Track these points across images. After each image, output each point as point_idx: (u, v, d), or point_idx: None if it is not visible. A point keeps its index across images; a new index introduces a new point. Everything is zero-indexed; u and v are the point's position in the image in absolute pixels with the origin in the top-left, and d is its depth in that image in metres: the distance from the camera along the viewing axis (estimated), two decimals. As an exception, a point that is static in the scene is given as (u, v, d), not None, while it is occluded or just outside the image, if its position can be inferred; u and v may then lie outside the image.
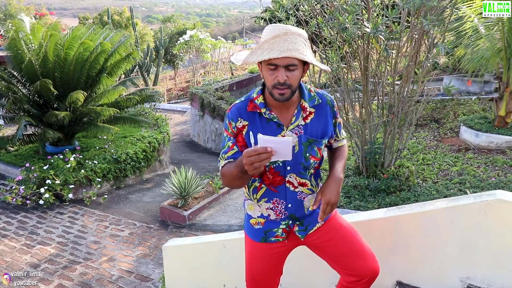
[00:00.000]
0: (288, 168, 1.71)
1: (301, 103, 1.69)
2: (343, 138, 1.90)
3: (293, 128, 1.68)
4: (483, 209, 2.01)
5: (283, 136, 1.66)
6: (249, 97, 1.72)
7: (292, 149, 1.52)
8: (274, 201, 1.78)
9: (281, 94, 1.57)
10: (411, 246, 2.25)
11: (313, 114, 1.71)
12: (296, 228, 1.82)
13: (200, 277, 3.16)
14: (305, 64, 1.61)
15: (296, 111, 1.68)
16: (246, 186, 1.82)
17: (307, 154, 1.69)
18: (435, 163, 5.91)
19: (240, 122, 1.68)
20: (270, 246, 1.86)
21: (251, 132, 1.51)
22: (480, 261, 2.08)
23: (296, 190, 1.76)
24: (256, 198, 1.80)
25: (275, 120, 1.67)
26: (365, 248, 1.86)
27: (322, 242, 1.86)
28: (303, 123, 1.69)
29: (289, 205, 1.78)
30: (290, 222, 1.81)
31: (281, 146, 1.42)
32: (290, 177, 1.73)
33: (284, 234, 1.83)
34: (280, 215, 1.80)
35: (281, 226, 1.81)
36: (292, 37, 1.54)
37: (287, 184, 1.74)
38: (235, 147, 1.70)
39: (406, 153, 6.41)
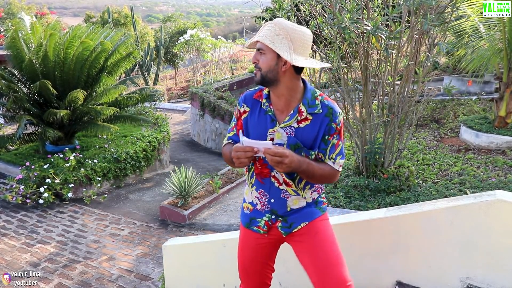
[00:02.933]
0: None
1: (299, 105, 1.70)
2: (334, 162, 1.75)
3: (285, 127, 1.72)
4: (483, 209, 2.01)
5: (274, 131, 1.73)
6: (262, 87, 1.81)
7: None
8: (260, 191, 1.83)
9: (255, 74, 1.69)
10: (411, 246, 2.25)
11: (309, 121, 1.70)
12: (279, 224, 1.84)
13: (200, 277, 3.16)
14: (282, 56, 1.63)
15: (292, 112, 1.71)
16: (247, 169, 1.88)
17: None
18: (435, 163, 5.91)
19: (243, 107, 1.82)
20: (253, 236, 1.91)
21: (240, 131, 1.76)
22: (480, 261, 2.08)
23: (281, 187, 1.79)
24: (251, 183, 1.87)
25: (270, 113, 1.74)
26: (333, 263, 1.77)
27: (299, 244, 1.84)
28: (296, 125, 1.71)
29: (272, 200, 1.81)
30: (273, 216, 1.84)
31: (262, 147, 1.58)
32: (276, 172, 1.77)
33: (266, 227, 1.86)
34: (264, 207, 1.84)
35: (264, 218, 1.86)
36: (271, 26, 1.65)
37: (272, 179, 1.78)
38: (234, 129, 1.86)
39: (406, 153, 6.41)
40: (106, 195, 6.84)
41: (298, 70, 1.69)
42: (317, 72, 5.57)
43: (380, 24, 3.39)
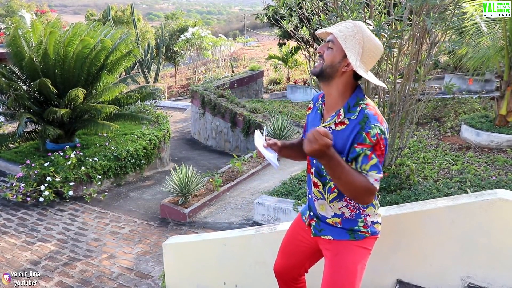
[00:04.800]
0: (314, 161, 1.79)
1: (340, 109, 1.68)
2: (367, 175, 1.60)
3: (326, 128, 1.70)
4: (484, 208, 2.01)
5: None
6: None
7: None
8: (307, 186, 1.93)
9: (315, 67, 1.69)
10: (411, 244, 2.24)
11: (345, 125, 1.65)
12: (313, 222, 1.90)
13: (200, 275, 3.16)
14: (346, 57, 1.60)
15: (334, 113, 1.70)
16: None
17: None
18: (436, 161, 5.91)
19: (310, 104, 1.92)
20: (301, 223, 2.01)
21: (265, 126, 1.86)
22: (480, 260, 2.08)
23: (313, 187, 1.84)
24: (307, 177, 1.94)
25: (319, 112, 1.80)
26: None
27: (325, 256, 1.87)
28: (333, 127, 1.68)
29: (309, 196, 1.89)
30: (311, 213, 1.91)
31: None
32: (313, 170, 1.81)
33: (308, 220, 1.93)
34: (308, 201, 1.94)
35: (307, 212, 1.95)
36: (350, 25, 1.63)
37: (312, 175, 1.83)
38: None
39: (407, 152, 6.41)
40: (106, 193, 6.84)
41: (356, 76, 1.66)
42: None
43: (383, 23, 3.37)
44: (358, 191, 1.57)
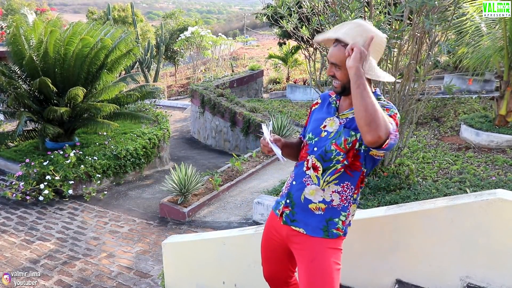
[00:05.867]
0: (315, 149, 1.81)
1: None
2: None
3: (341, 118, 1.79)
4: (483, 208, 2.01)
5: (330, 119, 1.82)
6: None
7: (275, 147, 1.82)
8: (292, 174, 1.95)
9: (335, 87, 1.78)
10: (411, 244, 2.25)
11: None
12: (286, 211, 1.89)
13: (200, 274, 3.16)
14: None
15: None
16: None
17: (333, 140, 1.76)
18: (435, 161, 5.91)
19: (318, 99, 1.99)
20: (274, 218, 1.98)
21: (264, 124, 1.87)
22: (480, 260, 2.08)
23: (307, 172, 1.83)
24: (296, 167, 1.95)
25: (334, 105, 1.85)
26: None
27: (297, 256, 1.87)
28: (350, 116, 1.77)
29: (294, 182, 1.89)
30: (287, 201, 1.89)
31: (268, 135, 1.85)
32: (311, 157, 1.83)
33: (281, 210, 1.93)
34: (286, 189, 1.94)
35: (282, 201, 1.94)
36: (352, 24, 1.66)
37: (305, 162, 1.85)
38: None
39: (407, 152, 6.41)
40: (105, 192, 6.84)
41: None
42: (317, 69, 5.55)
43: (382, 23, 3.38)
44: (379, 118, 1.51)
